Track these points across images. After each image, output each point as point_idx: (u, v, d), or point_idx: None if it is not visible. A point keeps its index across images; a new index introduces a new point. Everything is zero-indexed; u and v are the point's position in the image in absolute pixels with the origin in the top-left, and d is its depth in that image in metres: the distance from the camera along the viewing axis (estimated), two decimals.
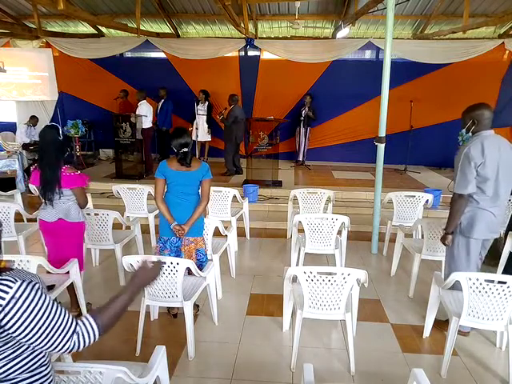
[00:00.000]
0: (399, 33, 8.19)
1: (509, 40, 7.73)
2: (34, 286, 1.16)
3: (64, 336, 1.20)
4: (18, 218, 4.09)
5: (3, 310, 1.11)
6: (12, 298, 1.11)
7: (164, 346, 1.98)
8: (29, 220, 4.25)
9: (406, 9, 7.28)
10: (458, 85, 8.08)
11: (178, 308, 3.12)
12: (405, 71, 7.95)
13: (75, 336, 1.22)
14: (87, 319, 1.27)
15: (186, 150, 2.92)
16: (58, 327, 1.19)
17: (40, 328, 1.16)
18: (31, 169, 3.13)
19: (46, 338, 1.17)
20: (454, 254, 2.90)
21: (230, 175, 7.40)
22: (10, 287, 1.12)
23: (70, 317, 1.24)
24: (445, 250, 3.14)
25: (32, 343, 1.17)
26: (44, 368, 1.30)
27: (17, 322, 1.13)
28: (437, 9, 7.07)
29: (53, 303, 1.20)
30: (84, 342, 1.24)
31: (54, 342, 1.19)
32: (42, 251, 4.26)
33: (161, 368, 1.92)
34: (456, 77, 8.05)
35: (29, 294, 1.14)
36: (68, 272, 2.97)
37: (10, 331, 1.14)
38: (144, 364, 1.89)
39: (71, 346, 1.21)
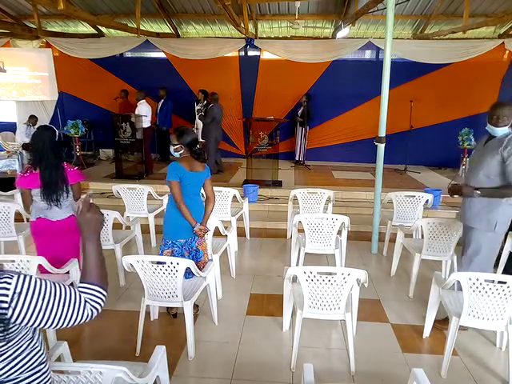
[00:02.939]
0: (399, 33, 8.19)
1: (509, 40, 7.73)
2: (30, 277, 1.18)
3: (78, 308, 1.23)
4: (18, 217, 4.09)
5: (10, 306, 1.12)
6: (14, 293, 1.13)
7: (164, 346, 1.98)
8: (29, 220, 4.24)
9: (406, 9, 7.28)
10: (458, 85, 8.09)
11: (177, 308, 3.11)
12: (405, 71, 7.95)
13: (88, 305, 1.26)
14: (84, 286, 1.29)
15: (199, 145, 2.97)
16: (69, 303, 1.22)
17: (51, 311, 1.18)
18: (20, 173, 3.03)
19: (61, 317, 1.20)
20: (482, 253, 2.88)
21: (220, 172, 7.48)
22: (9, 283, 1.14)
23: (74, 290, 1.26)
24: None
25: (50, 326, 1.20)
26: (43, 366, 1.31)
27: (27, 313, 1.15)
28: (437, 9, 7.07)
29: (54, 284, 1.22)
30: (99, 304, 1.29)
31: (71, 317, 1.22)
32: None
33: (161, 368, 1.92)
34: (456, 77, 8.06)
35: (29, 283, 1.16)
36: (68, 272, 2.97)
37: (23, 323, 1.16)
38: (144, 364, 1.88)
39: (89, 314, 1.26)
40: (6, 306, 1.12)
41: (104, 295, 1.32)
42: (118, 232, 4.01)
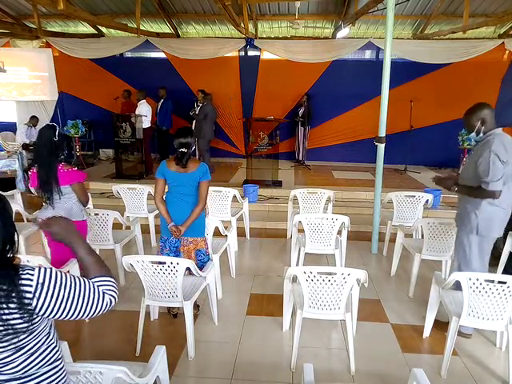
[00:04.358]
0: (399, 33, 8.19)
1: (509, 40, 7.73)
2: (51, 269, 1.23)
3: (98, 297, 1.29)
4: (18, 217, 4.09)
5: (34, 296, 1.17)
6: (37, 283, 1.18)
7: (164, 346, 1.98)
8: (29, 220, 4.25)
9: (405, 9, 7.28)
10: (458, 85, 8.08)
11: (178, 308, 3.11)
12: (405, 71, 7.95)
13: (106, 295, 1.32)
14: (97, 278, 1.34)
15: (184, 150, 2.90)
16: (89, 293, 1.27)
17: (73, 300, 1.23)
18: (30, 172, 3.09)
19: (82, 306, 1.25)
20: (467, 254, 2.88)
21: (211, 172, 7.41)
22: (32, 274, 1.18)
23: (90, 281, 1.31)
24: (454, 250, 3.12)
25: (72, 316, 1.24)
26: (59, 362, 1.34)
27: (50, 303, 1.19)
28: (437, 9, 7.07)
29: (73, 276, 1.27)
30: (115, 292, 1.36)
31: (92, 306, 1.27)
32: (42, 251, 4.26)
33: (161, 368, 1.92)
34: (456, 77, 8.05)
35: (50, 274, 1.20)
36: (68, 272, 2.97)
37: (46, 314, 1.20)
38: (144, 364, 1.88)
39: (109, 303, 1.31)
40: (30, 296, 1.17)
41: (115, 282, 1.38)
42: (118, 232, 4.01)
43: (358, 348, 2.68)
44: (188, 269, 2.69)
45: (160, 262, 2.64)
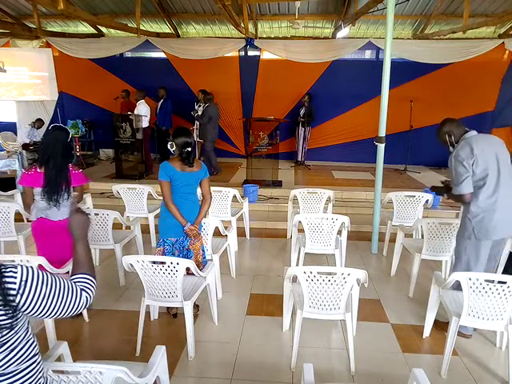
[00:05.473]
0: (399, 33, 8.19)
1: (509, 40, 7.73)
2: (32, 267, 1.26)
3: (76, 297, 1.35)
4: (18, 217, 4.09)
5: (18, 292, 1.21)
6: (21, 280, 1.22)
7: (164, 346, 1.98)
8: (29, 220, 4.24)
9: (405, 9, 7.28)
10: (458, 85, 8.09)
11: (177, 308, 3.11)
12: (405, 71, 7.95)
13: (84, 293, 1.39)
14: (77, 277, 1.45)
15: (189, 149, 2.91)
16: (68, 291, 1.33)
17: (53, 298, 1.28)
18: (26, 171, 2.99)
19: (61, 304, 1.30)
20: (463, 258, 2.88)
21: (217, 173, 7.41)
22: (15, 272, 1.22)
23: (69, 280, 1.38)
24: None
25: (51, 313, 1.29)
26: (37, 356, 1.37)
27: (33, 299, 1.23)
28: (437, 9, 7.07)
29: (52, 275, 1.32)
30: (92, 292, 1.44)
31: (70, 304, 1.33)
32: None
33: (161, 368, 1.92)
34: (456, 77, 8.06)
35: (32, 273, 1.25)
36: (68, 272, 2.97)
37: (28, 311, 1.25)
38: (144, 364, 1.88)
39: (85, 302, 1.39)
40: (14, 292, 1.20)
41: (94, 283, 1.48)
42: (118, 232, 4.01)
43: (357, 348, 2.68)
44: (187, 268, 2.70)
45: (160, 262, 2.64)
